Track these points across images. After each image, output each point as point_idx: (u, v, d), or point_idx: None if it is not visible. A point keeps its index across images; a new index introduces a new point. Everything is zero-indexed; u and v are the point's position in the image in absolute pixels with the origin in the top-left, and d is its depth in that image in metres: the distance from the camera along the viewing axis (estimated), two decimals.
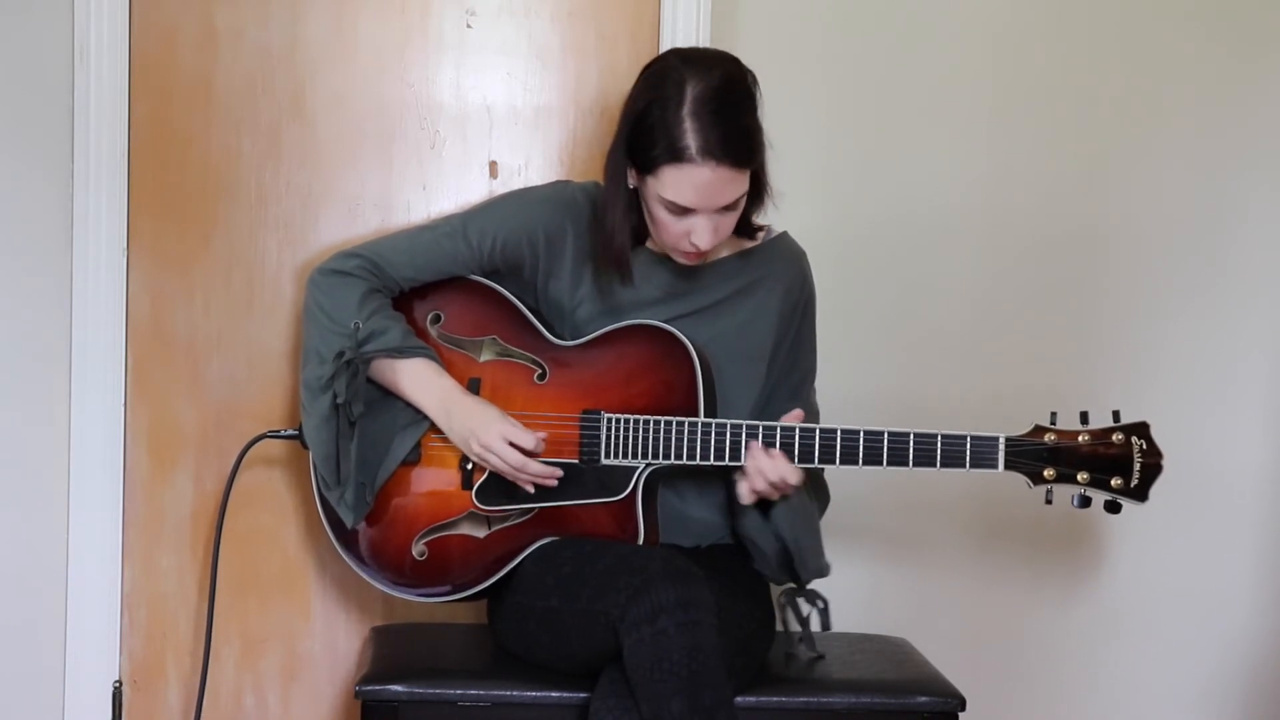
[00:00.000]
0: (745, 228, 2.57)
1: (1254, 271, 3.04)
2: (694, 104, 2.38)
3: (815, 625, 2.61)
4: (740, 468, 2.45)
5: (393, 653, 2.61)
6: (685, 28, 2.84)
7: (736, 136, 2.39)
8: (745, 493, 2.44)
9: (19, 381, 2.80)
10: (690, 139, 2.37)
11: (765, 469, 2.41)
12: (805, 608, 2.60)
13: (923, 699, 2.49)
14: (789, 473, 2.41)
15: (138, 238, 2.86)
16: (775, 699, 2.47)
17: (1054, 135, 3.00)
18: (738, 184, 2.41)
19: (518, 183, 2.88)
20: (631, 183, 2.48)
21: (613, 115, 2.50)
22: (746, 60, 2.47)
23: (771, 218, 2.59)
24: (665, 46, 2.84)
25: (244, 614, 2.91)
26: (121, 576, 2.89)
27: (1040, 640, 3.05)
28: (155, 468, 2.89)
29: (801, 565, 2.52)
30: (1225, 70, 3.02)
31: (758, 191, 2.50)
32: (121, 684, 2.90)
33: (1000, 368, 3.01)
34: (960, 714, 2.49)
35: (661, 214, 2.44)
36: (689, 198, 2.40)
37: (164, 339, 2.88)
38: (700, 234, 2.42)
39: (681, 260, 2.51)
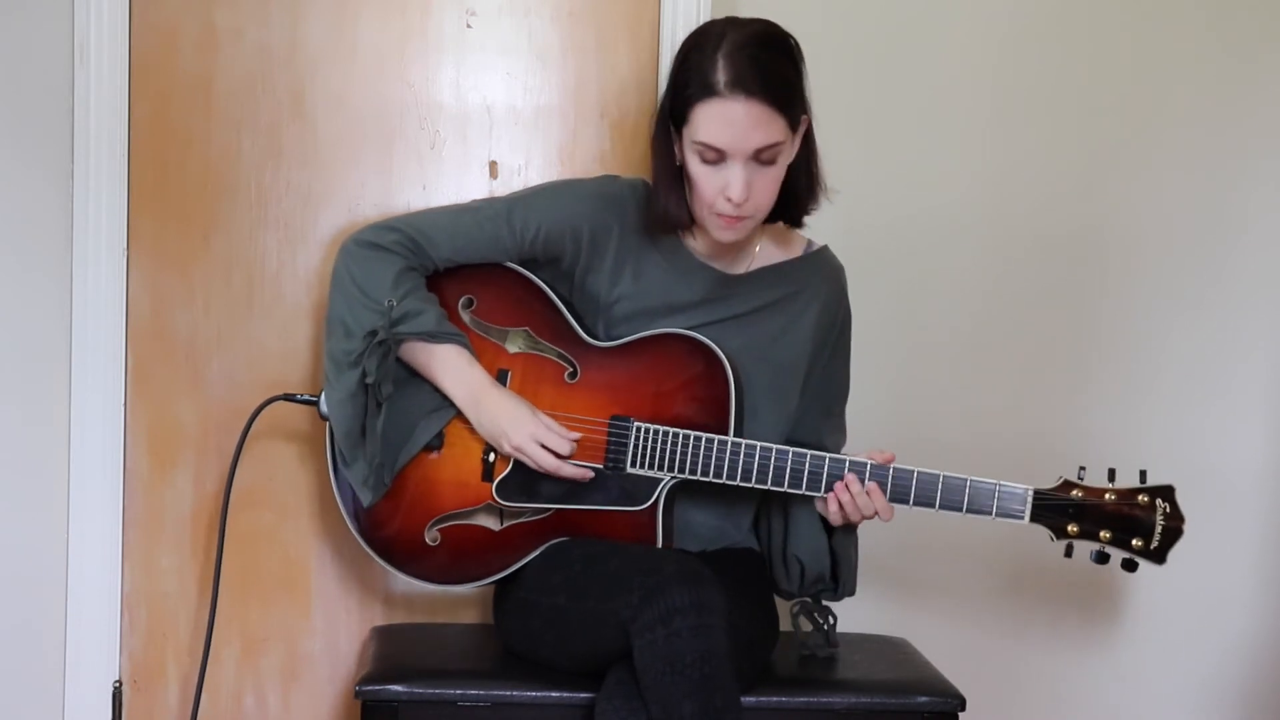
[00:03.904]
0: (793, 211, 2.52)
1: (1254, 272, 3.04)
2: (729, 45, 2.36)
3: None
4: (767, 490, 2.46)
5: (393, 653, 2.61)
6: (686, 28, 2.82)
7: (769, 74, 2.36)
8: (836, 516, 2.45)
9: (19, 381, 2.80)
10: (721, 74, 2.35)
11: (862, 505, 2.42)
12: (819, 619, 2.62)
13: (923, 699, 2.49)
14: (884, 510, 2.42)
15: (138, 238, 2.86)
16: (775, 699, 2.47)
17: (1055, 137, 3.00)
18: (772, 126, 2.37)
19: (517, 183, 2.88)
20: (677, 157, 2.45)
21: (613, 116, 2.50)
22: None
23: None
24: (665, 46, 2.85)
25: (244, 614, 2.91)
26: (121, 576, 2.88)
27: (1040, 640, 3.05)
28: (155, 468, 2.89)
29: (843, 585, 2.56)
30: (1225, 71, 3.02)
31: (809, 171, 2.48)
32: (121, 684, 2.90)
33: (1000, 368, 3.01)
34: (960, 714, 2.49)
35: (697, 169, 2.40)
36: (720, 136, 2.36)
37: (164, 339, 2.88)
38: (735, 185, 2.37)
39: (720, 234, 2.45)
